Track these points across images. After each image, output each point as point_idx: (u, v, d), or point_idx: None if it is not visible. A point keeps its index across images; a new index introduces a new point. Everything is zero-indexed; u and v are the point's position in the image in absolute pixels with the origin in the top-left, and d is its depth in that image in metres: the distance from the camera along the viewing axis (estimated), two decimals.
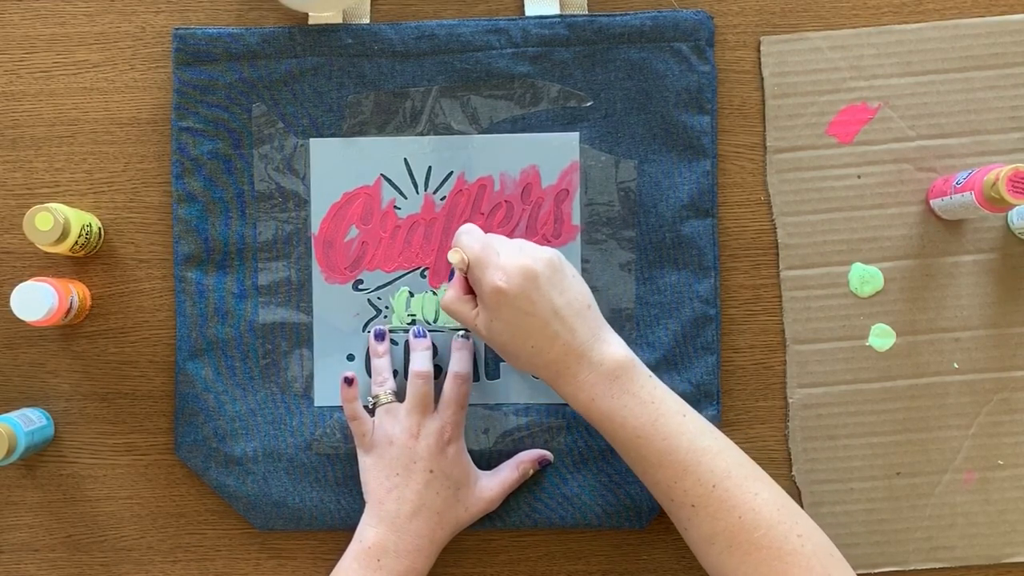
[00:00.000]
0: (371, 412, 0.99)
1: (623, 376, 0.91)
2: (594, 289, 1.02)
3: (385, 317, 1.03)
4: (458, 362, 0.99)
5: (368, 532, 0.95)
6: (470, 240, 0.93)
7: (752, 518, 0.87)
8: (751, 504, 0.88)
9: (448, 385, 0.98)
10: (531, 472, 1.00)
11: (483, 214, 1.02)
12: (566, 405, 1.01)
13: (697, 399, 1.01)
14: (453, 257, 0.92)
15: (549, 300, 0.90)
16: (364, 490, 0.97)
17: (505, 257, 0.91)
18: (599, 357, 0.91)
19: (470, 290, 0.94)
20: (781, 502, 0.89)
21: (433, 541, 0.96)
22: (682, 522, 0.90)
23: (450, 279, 0.96)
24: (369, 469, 0.97)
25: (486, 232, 0.95)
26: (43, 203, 0.97)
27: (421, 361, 0.98)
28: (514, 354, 0.92)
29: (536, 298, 0.90)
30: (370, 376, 1.01)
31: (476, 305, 0.93)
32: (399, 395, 0.99)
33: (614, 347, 0.92)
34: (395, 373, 1.01)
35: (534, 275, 0.90)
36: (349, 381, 0.98)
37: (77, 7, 1.04)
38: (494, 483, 0.99)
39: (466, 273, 0.93)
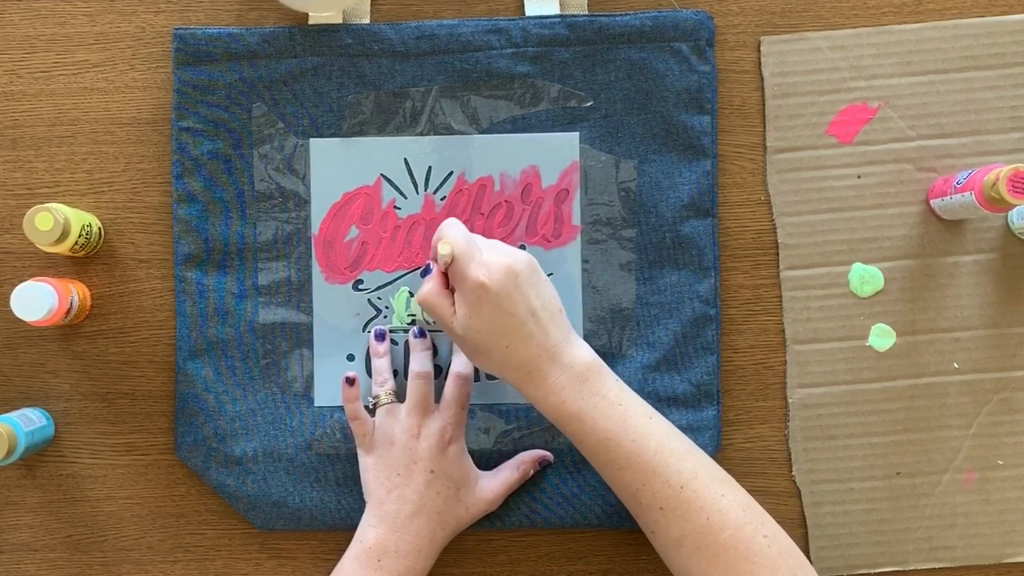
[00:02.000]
0: (372, 413, 0.99)
1: (592, 378, 0.91)
2: (594, 289, 1.02)
3: (385, 317, 1.03)
4: (460, 362, 0.99)
5: (369, 532, 0.95)
6: (455, 234, 0.92)
7: (719, 519, 0.87)
8: (718, 505, 0.88)
9: (449, 385, 0.98)
10: (531, 472, 1.00)
11: (483, 214, 1.02)
12: None
13: (697, 399, 1.01)
14: (443, 249, 0.90)
15: (527, 300, 0.90)
16: (365, 490, 0.97)
17: (488, 254, 0.90)
18: (569, 359, 0.91)
19: (447, 285, 0.93)
20: (746, 503, 0.89)
21: (433, 541, 0.96)
22: (649, 526, 0.90)
23: (424, 274, 0.94)
24: (370, 469, 0.97)
25: (485, 230, 0.94)
26: (43, 203, 0.97)
27: (421, 361, 0.98)
28: (486, 352, 0.91)
29: (516, 297, 0.89)
30: (370, 376, 1.01)
31: (453, 303, 0.92)
32: (399, 395, 0.99)
33: (583, 350, 0.92)
34: (395, 373, 1.01)
35: (515, 274, 0.90)
36: (351, 381, 0.98)
37: (77, 7, 1.04)
38: (495, 483, 0.99)
39: (447, 268, 0.92)
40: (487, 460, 1.01)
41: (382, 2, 1.04)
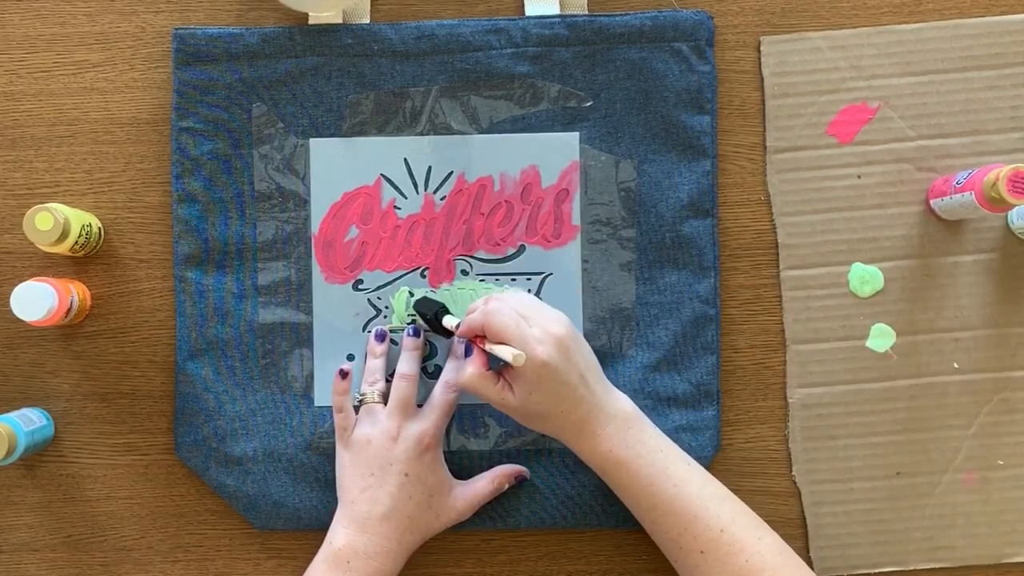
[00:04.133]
0: (357, 411, 0.99)
1: (634, 426, 0.93)
2: (594, 289, 1.02)
3: (385, 317, 1.03)
4: (451, 370, 0.99)
5: (338, 533, 0.95)
6: (505, 320, 0.92)
7: (759, 561, 0.90)
8: (756, 547, 0.90)
9: (437, 391, 0.99)
10: (506, 486, 1.00)
11: (483, 214, 1.02)
12: None
13: (697, 399, 1.01)
14: (518, 360, 0.89)
15: (577, 366, 0.92)
16: (338, 487, 0.97)
17: (536, 328, 0.91)
18: (613, 410, 0.93)
19: (488, 365, 0.94)
20: (781, 546, 0.92)
21: (402, 544, 0.96)
22: (689, 569, 0.92)
23: (467, 354, 0.95)
24: (346, 467, 0.97)
25: (485, 230, 0.94)
26: (43, 203, 0.97)
27: (408, 363, 0.99)
28: (543, 419, 0.93)
29: (568, 367, 0.92)
30: None
31: (498, 380, 0.93)
32: (387, 399, 0.99)
33: (622, 400, 0.95)
34: (389, 380, 1.01)
35: (566, 345, 0.92)
36: (344, 374, 0.99)
37: (77, 7, 1.04)
38: (468, 494, 0.99)
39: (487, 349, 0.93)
40: (487, 460, 1.01)
41: (382, 2, 1.04)
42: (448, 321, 0.98)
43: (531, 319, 0.92)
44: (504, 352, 0.90)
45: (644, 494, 0.92)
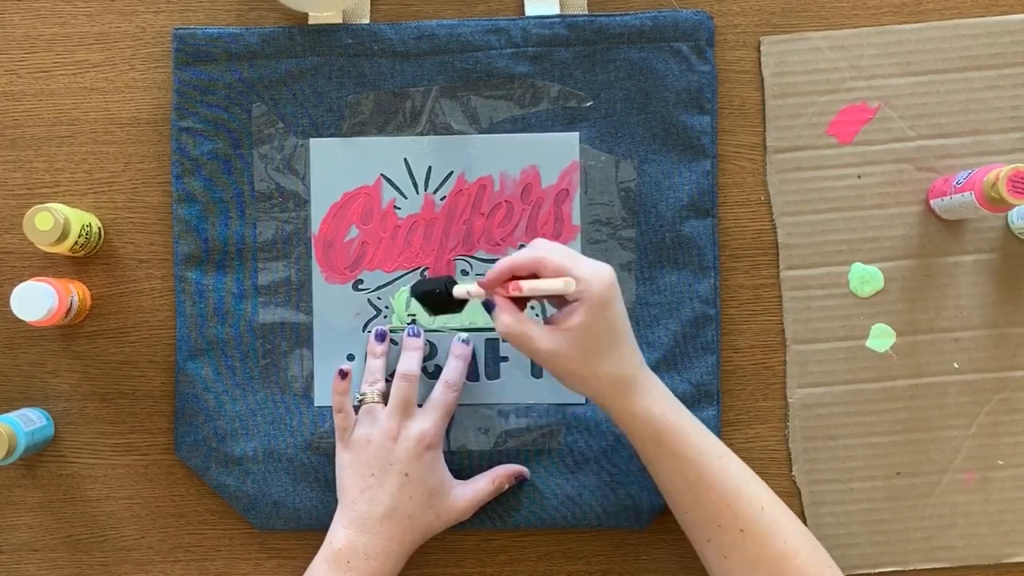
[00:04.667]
0: (358, 411, 0.99)
1: (671, 394, 0.92)
2: None
3: (385, 317, 1.03)
4: (451, 370, 0.99)
5: (338, 533, 0.95)
6: (561, 252, 0.88)
7: (795, 544, 0.89)
8: (793, 530, 0.89)
9: (437, 391, 0.98)
10: (506, 487, 1.00)
11: (483, 214, 1.02)
12: (566, 405, 1.01)
13: (697, 399, 1.01)
14: (569, 285, 0.85)
15: (624, 311, 0.90)
16: (338, 487, 0.97)
17: (586, 264, 0.88)
18: (654, 374, 0.92)
19: (522, 309, 0.90)
20: (806, 530, 0.91)
21: (402, 544, 0.96)
22: (724, 548, 0.90)
23: (490, 311, 0.90)
24: (346, 467, 0.97)
25: (485, 230, 0.94)
26: (43, 203, 0.97)
27: (408, 362, 0.98)
28: (593, 365, 0.88)
29: (621, 308, 0.89)
30: None
31: (535, 325, 0.89)
32: (387, 399, 0.99)
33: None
34: (388, 380, 1.01)
35: (614, 284, 0.88)
36: (343, 374, 0.99)
37: (77, 7, 1.04)
38: (468, 494, 0.99)
39: (518, 299, 0.89)
40: (487, 460, 1.01)
41: (382, 2, 1.04)
42: (459, 290, 0.91)
43: (578, 258, 0.89)
44: (555, 283, 0.86)
45: (691, 464, 0.90)
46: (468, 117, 1.02)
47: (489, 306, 0.90)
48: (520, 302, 0.90)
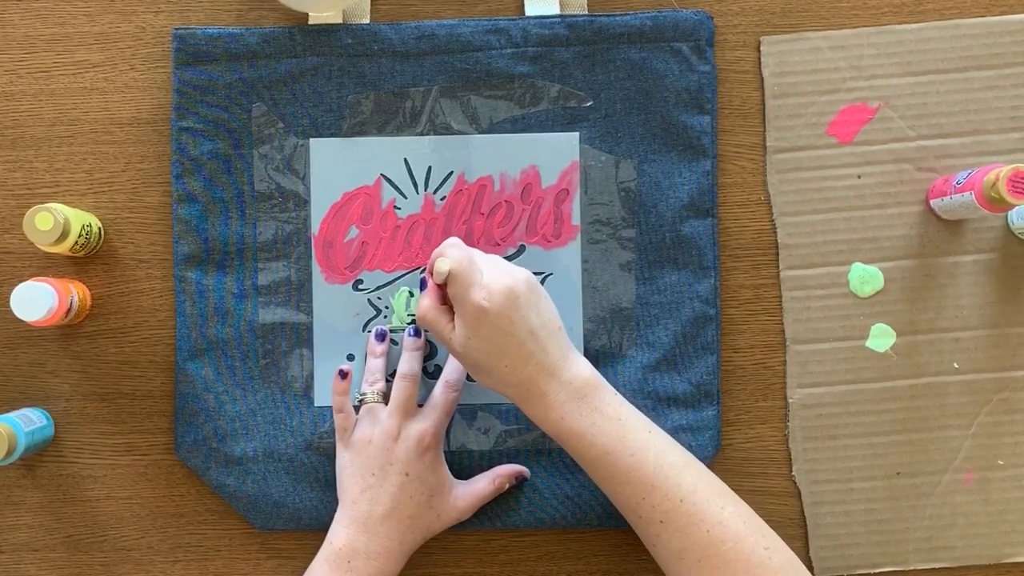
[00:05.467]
0: (358, 411, 0.99)
1: (591, 394, 0.91)
2: (594, 289, 1.02)
3: (385, 317, 1.03)
4: (452, 370, 0.99)
5: (339, 533, 0.95)
6: (456, 253, 0.91)
7: (720, 531, 0.88)
8: (718, 517, 0.88)
9: (437, 391, 0.98)
10: (507, 486, 1.00)
11: (483, 214, 1.02)
12: None
13: (697, 399, 1.01)
14: (442, 266, 0.90)
15: (526, 320, 0.90)
16: (339, 487, 0.97)
17: (488, 276, 0.90)
18: (568, 376, 0.91)
19: (445, 300, 0.93)
20: (747, 516, 0.89)
21: (403, 544, 0.96)
22: (650, 539, 0.91)
23: (422, 288, 0.95)
24: (346, 467, 0.97)
25: (485, 230, 0.94)
26: (43, 203, 0.97)
27: (409, 362, 0.98)
28: (487, 371, 0.91)
29: (516, 319, 0.90)
30: None
31: (452, 318, 0.92)
32: (388, 399, 0.99)
33: (582, 366, 0.92)
34: (389, 380, 1.01)
35: (515, 295, 0.90)
36: (343, 374, 0.99)
37: (77, 7, 1.04)
38: (468, 493, 0.99)
39: (444, 285, 0.92)
40: (487, 460, 1.01)
41: (382, 2, 1.04)
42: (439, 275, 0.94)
43: (486, 270, 0.91)
44: (440, 263, 0.90)
45: (599, 464, 0.90)
46: (468, 117, 1.02)
47: (423, 284, 0.95)
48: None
